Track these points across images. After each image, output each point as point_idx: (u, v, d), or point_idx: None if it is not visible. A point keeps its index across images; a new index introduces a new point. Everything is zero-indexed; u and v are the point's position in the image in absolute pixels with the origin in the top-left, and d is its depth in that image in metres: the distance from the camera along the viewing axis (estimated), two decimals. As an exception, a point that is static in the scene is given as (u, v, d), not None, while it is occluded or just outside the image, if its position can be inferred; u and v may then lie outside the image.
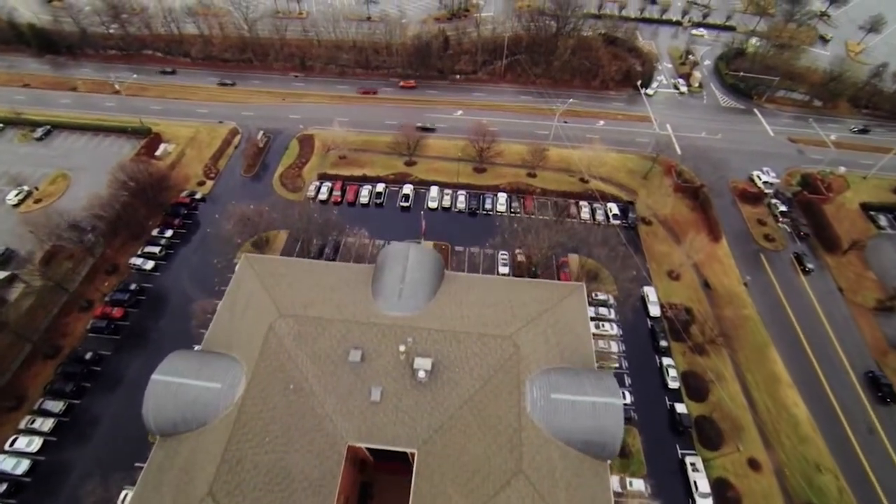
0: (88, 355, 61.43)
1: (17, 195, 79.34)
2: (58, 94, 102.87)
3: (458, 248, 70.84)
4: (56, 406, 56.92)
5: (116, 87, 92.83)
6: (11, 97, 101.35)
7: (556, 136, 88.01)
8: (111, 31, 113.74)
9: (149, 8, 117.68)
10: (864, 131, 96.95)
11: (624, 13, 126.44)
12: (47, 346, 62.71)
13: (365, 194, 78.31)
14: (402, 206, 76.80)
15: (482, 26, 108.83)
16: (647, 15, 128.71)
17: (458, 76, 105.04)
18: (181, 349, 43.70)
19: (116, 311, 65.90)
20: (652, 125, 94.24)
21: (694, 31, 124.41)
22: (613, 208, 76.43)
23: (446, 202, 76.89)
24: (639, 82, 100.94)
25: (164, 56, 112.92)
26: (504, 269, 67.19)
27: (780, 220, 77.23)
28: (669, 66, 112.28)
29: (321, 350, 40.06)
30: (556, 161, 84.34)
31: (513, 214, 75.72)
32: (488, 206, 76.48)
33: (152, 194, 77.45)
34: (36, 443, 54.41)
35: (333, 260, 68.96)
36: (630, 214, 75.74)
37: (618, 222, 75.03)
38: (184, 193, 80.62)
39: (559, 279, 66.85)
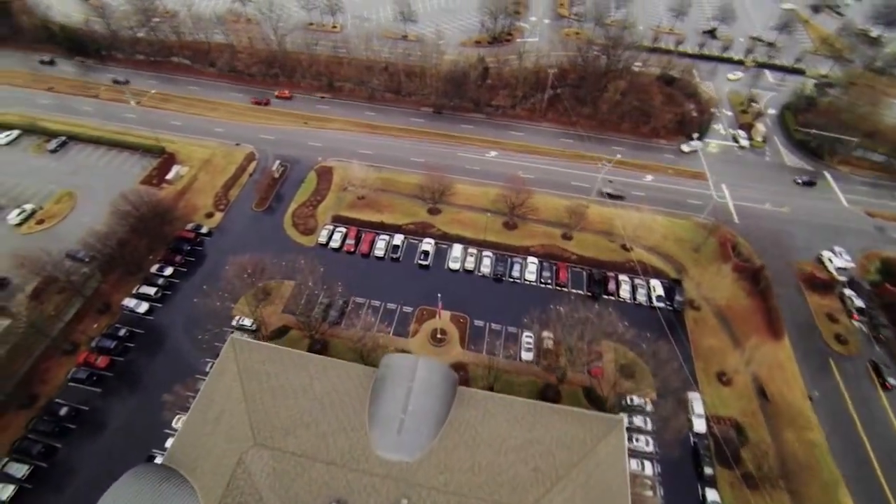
0: (64, 410, 56.38)
1: (18, 215, 75.59)
2: (80, 101, 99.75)
3: (477, 323, 63.03)
4: (20, 470, 51.95)
5: (132, 103, 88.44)
6: (35, 101, 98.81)
7: (598, 189, 79.01)
8: (140, 35, 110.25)
9: (179, 13, 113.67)
10: (809, 184, 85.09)
11: (681, 48, 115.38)
12: (23, 395, 57.99)
13: (381, 246, 71.23)
14: (421, 265, 69.37)
15: (525, 55, 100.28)
16: (706, 51, 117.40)
17: (494, 109, 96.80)
18: (135, 469, 37.29)
19: (101, 360, 60.78)
20: (706, 183, 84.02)
21: (731, 76, 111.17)
22: (657, 287, 67.13)
23: (469, 264, 69.04)
24: (695, 135, 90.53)
25: (191, 65, 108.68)
26: (528, 356, 59.09)
27: (856, 317, 66.35)
28: (730, 113, 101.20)
29: (298, 497, 32.98)
30: (596, 221, 75.39)
31: (543, 285, 67.33)
32: (516, 272, 68.27)
33: (155, 226, 72.51)
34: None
35: (339, 324, 62.27)
36: (676, 297, 66.28)
37: (661, 305, 65.71)
38: (189, 226, 75.33)
39: (589, 373, 58.27)
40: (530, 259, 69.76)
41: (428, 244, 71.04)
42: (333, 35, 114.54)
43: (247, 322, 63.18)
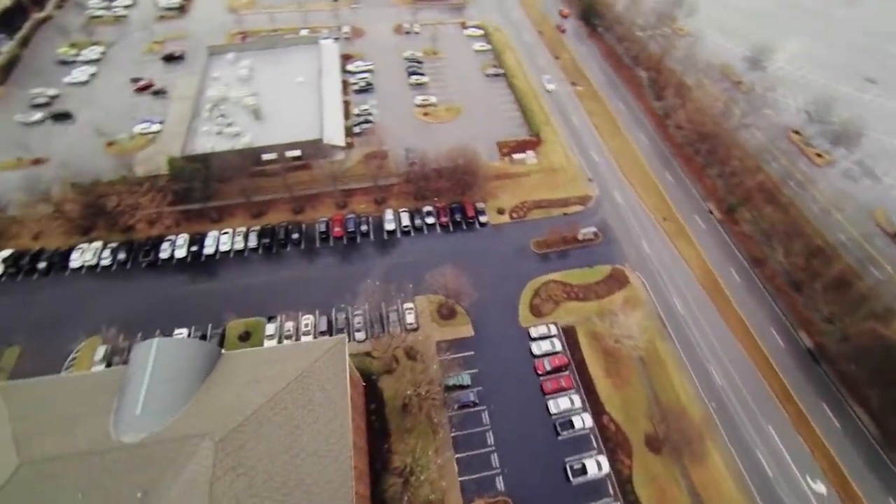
0: (296, 236, 69.54)
1: (423, 100, 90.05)
2: (545, 54, 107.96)
3: None
4: (252, 242, 68.50)
5: (550, 86, 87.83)
6: (523, 37, 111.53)
7: None
8: (634, 30, 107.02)
9: (691, 39, 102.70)
10: None
11: None
12: (298, 206, 73.33)
13: (564, 405, 54.25)
14: (571, 474, 50.00)
15: None
16: None
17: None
18: (192, 340, 40.42)
19: (337, 231, 70.26)
20: None
21: None
22: None
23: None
24: None
25: (643, 84, 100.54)
26: None
27: None
28: None
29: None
30: None
31: None
32: None
33: (459, 183, 74.55)
34: (226, 245, 67.92)
35: (445, 406, 52.63)
36: None
37: None
38: (479, 205, 74.56)
39: None
40: None
41: (595, 464, 50.00)
42: (811, 162, 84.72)
43: (409, 318, 60.36)
